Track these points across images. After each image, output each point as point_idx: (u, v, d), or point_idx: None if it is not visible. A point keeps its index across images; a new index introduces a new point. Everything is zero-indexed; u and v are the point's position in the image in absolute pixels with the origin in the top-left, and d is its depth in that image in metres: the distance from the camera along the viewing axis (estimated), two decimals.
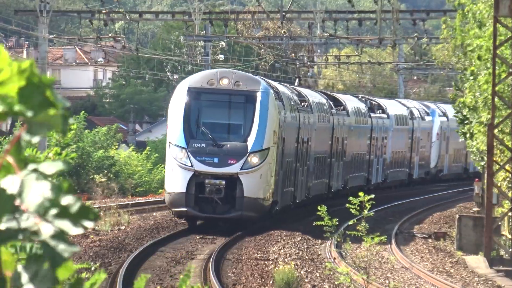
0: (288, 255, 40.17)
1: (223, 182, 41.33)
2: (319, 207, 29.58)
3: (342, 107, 64.15)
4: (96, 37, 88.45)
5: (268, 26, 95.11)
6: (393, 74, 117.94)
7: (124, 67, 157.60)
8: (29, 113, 3.48)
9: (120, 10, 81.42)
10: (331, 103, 62.19)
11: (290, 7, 67.33)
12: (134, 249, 40.30)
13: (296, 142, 49.32)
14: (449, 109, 79.26)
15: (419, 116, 71.53)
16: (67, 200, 3.26)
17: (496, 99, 42.75)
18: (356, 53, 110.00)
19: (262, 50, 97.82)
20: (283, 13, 70.67)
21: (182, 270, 35.60)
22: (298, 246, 43.99)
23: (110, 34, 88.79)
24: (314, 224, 30.95)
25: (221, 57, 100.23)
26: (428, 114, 74.85)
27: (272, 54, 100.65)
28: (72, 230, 3.27)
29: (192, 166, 41.47)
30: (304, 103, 54.34)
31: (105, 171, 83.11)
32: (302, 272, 35.54)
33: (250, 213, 42.17)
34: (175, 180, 42.20)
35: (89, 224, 3.36)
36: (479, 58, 51.24)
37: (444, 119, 77.13)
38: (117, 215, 51.23)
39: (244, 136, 42.77)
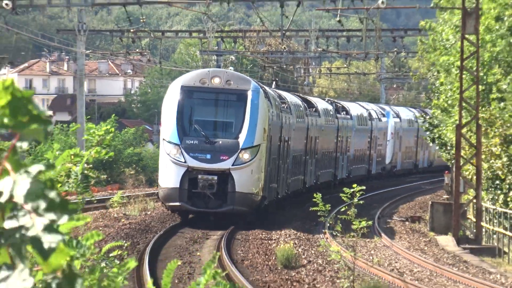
0: (288, 235, 40.11)
1: (215, 177, 39.28)
2: (314, 195, 28.62)
3: (314, 109, 62.51)
4: (125, 52, 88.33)
5: (270, 43, 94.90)
6: (376, 83, 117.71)
7: (149, 77, 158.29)
8: (19, 128, 3.45)
9: (146, 29, 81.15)
10: (305, 105, 60.45)
11: (289, 26, 66.86)
12: (158, 230, 40.09)
13: (279, 140, 48.01)
14: (402, 111, 79.59)
15: (377, 117, 71.05)
16: (51, 193, 3.19)
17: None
18: (345, 65, 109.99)
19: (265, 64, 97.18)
20: (283, 32, 70.25)
21: (199, 248, 35.92)
22: (296, 228, 44.01)
23: (137, 50, 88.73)
24: (310, 209, 30.61)
25: (231, 69, 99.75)
26: (384, 116, 74.40)
27: (273, 67, 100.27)
28: (61, 220, 3.20)
29: (185, 162, 39.37)
30: (284, 105, 52.13)
31: (134, 165, 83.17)
32: (299, 250, 35.48)
33: (241, 208, 39.90)
34: (169, 175, 40.13)
35: (70, 214, 3.26)
36: (447, 71, 51.58)
37: (398, 120, 76.91)
38: (144, 202, 51.00)
39: (236, 133, 40.53)
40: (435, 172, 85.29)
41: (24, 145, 3.46)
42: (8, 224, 3.20)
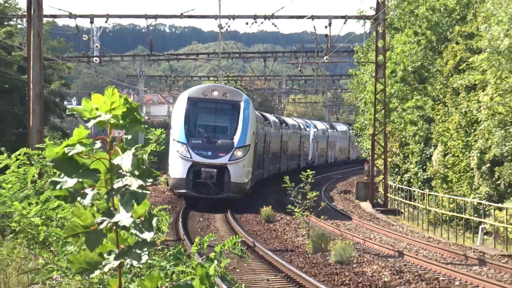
0: (270, 201, 39.99)
1: (215, 170, 35.57)
2: (284, 178, 28.49)
3: (285, 123, 59.83)
4: (169, 89, 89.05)
5: (257, 83, 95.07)
6: (323, 108, 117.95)
7: None
8: (127, 125, 3.58)
9: (181, 75, 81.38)
10: (278, 120, 57.47)
11: (269, 73, 66.82)
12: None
13: (264, 143, 46.93)
14: (318, 124, 78.57)
15: (304, 127, 70.06)
16: (142, 166, 3.51)
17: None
18: (303, 97, 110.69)
19: (255, 96, 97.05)
20: (265, 76, 70.28)
21: (213, 213, 35.02)
22: (273, 197, 43.95)
23: (176, 88, 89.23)
24: (282, 186, 30.40)
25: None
26: (307, 127, 73.32)
27: (259, 97, 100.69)
28: (147, 182, 3.42)
29: (191, 157, 35.46)
30: (267, 121, 50.69)
31: None
32: (275, 211, 35.35)
33: (235, 194, 36.00)
34: (177, 168, 36.11)
35: (153, 179, 3.54)
36: (365, 103, 51.97)
37: (316, 129, 75.78)
38: None
39: (231, 135, 36.61)
40: (337, 165, 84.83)
41: (129, 136, 3.69)
42: (117, 184, 3.47)
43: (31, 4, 22.31)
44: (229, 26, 47.16)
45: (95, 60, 52.70)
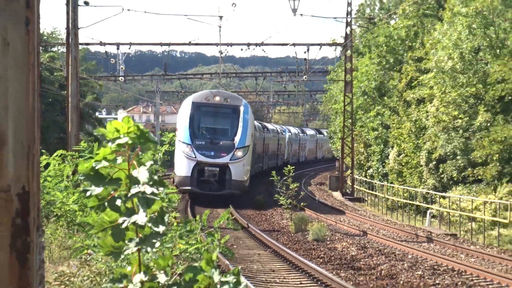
0: (260, 192, 39.85)
1: (217, 169, 32.12)
2: (272, 172, 27.69)
3: (267, 129, 55.57)
4: (179, 102, 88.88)
5: (250, 97, 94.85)
6: (303, 117, 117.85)
7: None
8: (143, 145, 3.59)
9: (189, 91, 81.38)
10: (261, 126, 52.01)
11: (259, 89, 66.71)
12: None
13: (263, 145, 45.47)
14: (291, 129, 75.50)
15: (281, 132, 67.74)
16: (155, 177, 3.41)
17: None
18: (287, 109, 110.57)
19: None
20: (257, 92, 70.25)
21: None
22: (264, 188, 43.82)
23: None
24: (270, 178, 29.87)
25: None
26: (284, 132, 71.02)
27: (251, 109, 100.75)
28: (159, 190, 3.34)
29: (195, 157, 31.91)
30: (266, 128, 48.60)
31: None
32: (265, 199, 35.22)
33: (236, 191, 32.45)
34: (183, 167, 32.46)
35: (163, 187, 3.48)
36: (336, 112, 51.85)
37: (290, 134, 73.11)
38: None
39: (232, 136, 32.94)
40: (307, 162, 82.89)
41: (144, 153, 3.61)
42: (133, 190, 3.37)
43: (69, 35, 22.27)
44: (227, 52, 47.25)
45: (121, 79, 52.74)
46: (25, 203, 2.51)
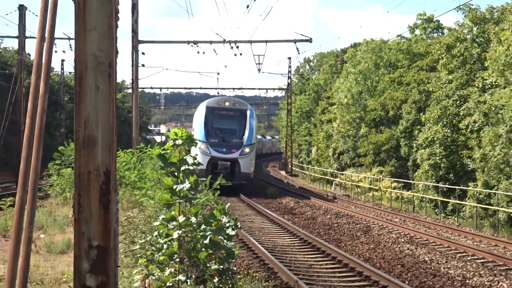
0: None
1: (229, 163, 24.42)
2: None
3: (262, 136, 49.59)
4: (184, 114, 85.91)
5: None
6: (263, 130, 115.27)
7: None
8: (189, 144, 3.67)
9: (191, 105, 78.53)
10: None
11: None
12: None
13: (262, 146, 40.10)
14: (258, 136, 71.83)
15: (263, 138, 65.29)
16: (195, 161, 3.32)
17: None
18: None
19: None
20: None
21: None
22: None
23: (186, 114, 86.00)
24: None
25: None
26: (264, 138, 68.73)
27: None
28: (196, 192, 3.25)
29: (210, 153, 24.31)
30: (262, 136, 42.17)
31: None
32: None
33: (244, 181, 24.19)
34: (199, 161, 13.11)
35: (199, 189, 3.40)
36: (282, 126, 51.29)
37: (265, 139, 68.81)
38: None
39: (240, 135, 25.09)
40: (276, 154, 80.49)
41: (190, 151, 3.51)
42: (183, 167, 3.24)
43: (133, 83, 22.37)
44: (222, 92, 47.08)
45: (162, 107, 52.14)
46: (107, 177, 2.39)
